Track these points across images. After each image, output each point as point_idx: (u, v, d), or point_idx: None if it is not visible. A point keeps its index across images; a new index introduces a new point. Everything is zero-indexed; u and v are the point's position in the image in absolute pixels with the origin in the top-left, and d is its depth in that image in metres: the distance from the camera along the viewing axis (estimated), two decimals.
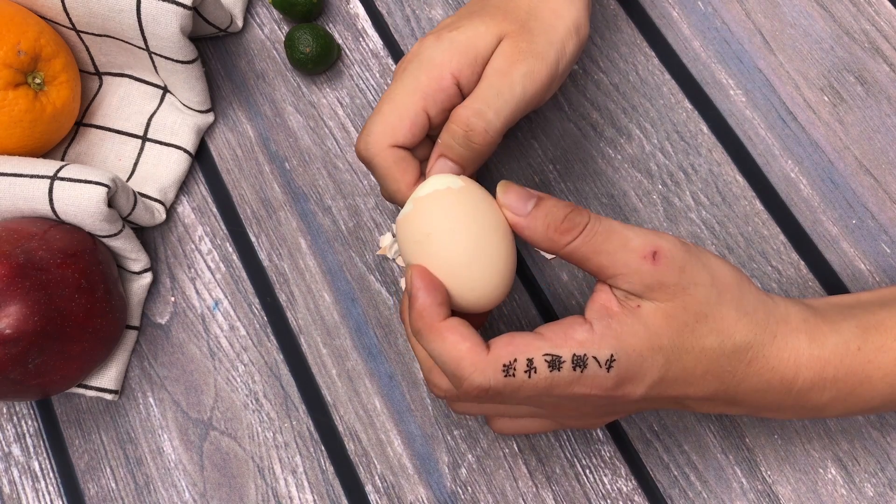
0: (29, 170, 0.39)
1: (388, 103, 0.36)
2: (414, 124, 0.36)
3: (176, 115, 0.46)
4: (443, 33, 0.36)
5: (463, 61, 0.36)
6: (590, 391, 0.31)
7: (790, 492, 0.39)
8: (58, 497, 0.41)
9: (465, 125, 0.35)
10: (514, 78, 0.35)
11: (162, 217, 0.44)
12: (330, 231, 0.45)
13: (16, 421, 0.43)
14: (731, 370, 0.32)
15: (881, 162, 0.44)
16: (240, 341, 0.43)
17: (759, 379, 0.33)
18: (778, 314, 0.33)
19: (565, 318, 0.32)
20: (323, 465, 0.41)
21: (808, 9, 0.47)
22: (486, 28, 0.36)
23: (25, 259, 0.36)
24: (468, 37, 0.36)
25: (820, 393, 0.33)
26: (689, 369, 0.32)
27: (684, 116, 0.46)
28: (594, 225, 0.31)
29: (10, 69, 0.39)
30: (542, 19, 0.37)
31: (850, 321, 0.34)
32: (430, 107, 0.36)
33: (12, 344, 0.35)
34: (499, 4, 0.38)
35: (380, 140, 0.35)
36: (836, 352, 0.33)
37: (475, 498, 0.40)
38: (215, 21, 0.45)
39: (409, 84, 0.36)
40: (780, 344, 0.32)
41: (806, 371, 0.33)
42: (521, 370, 0.30)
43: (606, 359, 0.30)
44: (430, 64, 0.36)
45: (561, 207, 0.32)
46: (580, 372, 0.30)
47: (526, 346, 0.31)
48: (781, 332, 0.33)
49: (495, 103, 0.35)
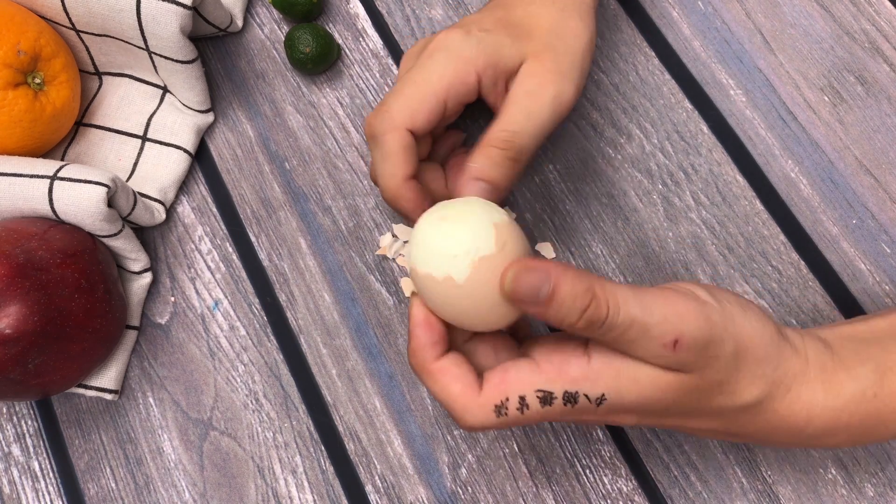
0: (29, 170, 0.39)
1: (411, 85, 0.35)
2: (432, 111, 0.35)
3: (176, 115, 0.46)
4: (473, 31, 0.36)
5: (489, 63, 0.36)
6: (580, 417, 0.31)
7: (790, 492, 0.39)
8: (58, 497, 0.41)
9: (505, 145, 0.35)
10: (544, 100, 0.36)
11: (162, 217, 0.44)
12: (330, 231, 0.45)
13: (16, 421, 0.42)
14: (734, 419, 0.32)
15: (881, 162, 0.44)
16: (240, 341, 0.43)
17: (765, 425, 0.32)
18: (795, 368, 0.32)
19: (566, 342, 0.31)
20: (323, 465, 0.41)
21: (809, 9, 0.47)
22: (512, 42, 0.36)
23: (25, 259, 0.36)
24: (497, 43, 0.36)
25: (831, 437, 0.33)
26: (686, 415, 0.32)
27: (684, 116, 0.46)
28: (613, 320, 0.29)
29: (10, 69, 0.39)
30: (564, 39, 0.37)
31: (868, 364, 0.33)
32: (450, 99, 0.36)
33: (12, 344, 0.35)
34: (522, 23, 0.38)
35: (396, 118, 0.35)
36: (852, 401, 0.32)
37: (475, 498, 0.40)
38: (215, 21, 0.45)
39: (436, 71, 0.35)
40: (794, 397, 0.32)
41: (818, 420, 0.32)
42: (514, 408, 0.30)
43: (597, 397, 0.30)
44: (460, 57, 0.35)
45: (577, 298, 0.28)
46: (571, 407, 0.30)
47: (518, 382, 0.30)
48: (797, 384, 0.32)
49: (528, 126, 0.35)
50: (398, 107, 0.35)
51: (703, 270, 0.43)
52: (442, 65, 0.35)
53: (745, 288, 0.42)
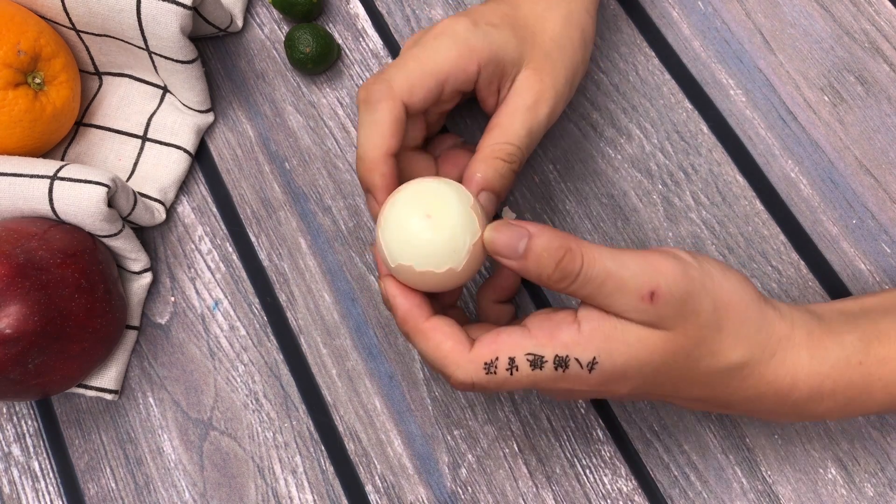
0: (29, 170, 0.39)
1: (414, 60, 0.35)
2: (430, 90, 0.35)
3: (176, 115, 0.46)
4: (480, 23, 0.36)
5: (491, 58, 0.36)
6: (573, 386, 0.31)
7: (790, 492, 0.39)
8: (58, 497, 0.41)
9: (510, 158, 0.36)
10: (540, 117, 0.37)
11: (162, 217, 0.44)
12: (330, 231, 0.45)
13: (16, 421, 0.43)
14: (723, 384, 0.32)
15: (881, 162, 0.44)
16: (240, 341, 0.43)
17: (753, 391, 0.33)
18: (780, 332, 0.33)
19: (557, 312, 0.32)
20: (323, 465, 0.41)
21: (809, 8, 0.47)
22: (517, 42, 0.37)
23: (25, 259, 0.36)
24: (502, 39, 0.36)
25: (817, 404, 0.33)
26: (676, 381, 0.32)
27: (684, 116, 0.46)
28: (587, 272, 0.30)
29: (10, 69, 0.39)
30: (565, 51, 0.38)
31: (854, 333, 0.33)
32: (449, 83, 0.36)
33: (12, 344, 0.35)
34: (527, 23, 0.38)
35: (395, 88, 0.35)
36: (837, 366, 0.33)
37: (475, 498, 0.40)
38: (215, 21, 0.45)
39: (440, 51, 0.36)
40: (779, 361, 0.32)
41: (803, 385, 0.33)
42: (503, 368, 0.31)
43: (588, 361, 0.31)
44: (465, 45, 0.36)
45: (552, 251, 0.30)
46: (562, 372, 0.31)
47: (509, 344, 0.31)
48: (782, 348, 0.32)
49: (528, 142, 0.37)
50: (398, 77, 0.35)
51: None
52: (446, 47, 0.36)
53: None
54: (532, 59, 0.37)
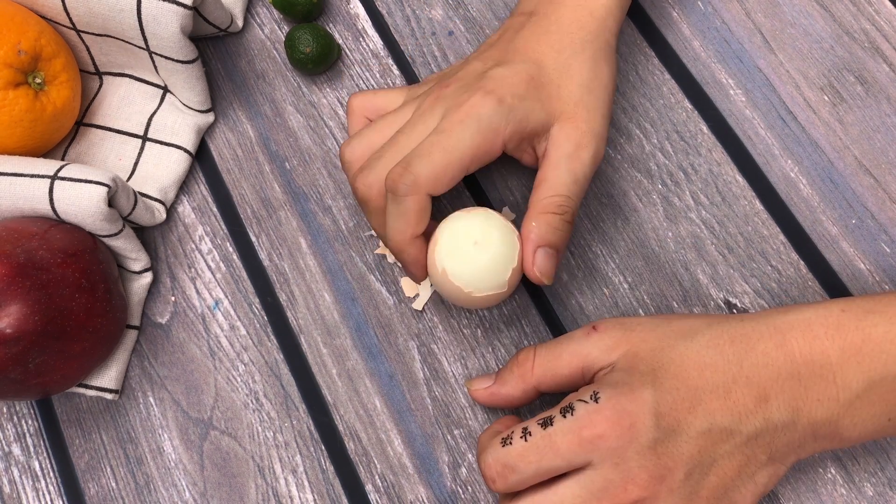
0: (29, 169, 0.39)
1: (440, 152, 0.36)
2: (454, 178, 0.37)
3: (176, 115, 0.46)
4: (506, 98, 0.37)
5: (516, 130, 0.37)
6: (594, 430, 0.32)
7: (790, 491, 0.39)
8: (58, 497, 0.41)
9: (561, 210, 0.37)
10: (585, 161, 0.38)
11: (162, 217, 0.44)
12: (330, 231, 0.45)
13: (16, 420, 0.43)
14: (724, 359, 0.33)
15: (881, 162, 0.44)
16: (240, 341, 0.43)
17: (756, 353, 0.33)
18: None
19: None
20: (323, 464, 0.41)
21: (808, 8, 0.47)
22: (542, 107, 0.38)
23: (26, 259, 0.36)
24: (527, 110, 0.37)
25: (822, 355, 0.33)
26: (681, 370, 0.33)
27: (684, 116, 0.46)
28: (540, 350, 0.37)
29: (11, 69, 0.39)
30: (595, 92, 0.39)
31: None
32: (473, 166, 0.37)
33: (13, 343, 0.35)
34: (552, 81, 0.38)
35: (421, 182, 0.36)
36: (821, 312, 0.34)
37: (475, 497, 0.40)
38: (215, 21, 0.45)
39: (466, 141, 0.36)
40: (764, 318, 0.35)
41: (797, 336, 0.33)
42: (518, 437, 0.33)
43: (591, 395, 0.33)
44: (490, 128, 0.36)
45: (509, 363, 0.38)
46: (570, 416, 0.32)
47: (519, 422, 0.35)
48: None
49: (575, 189, 0.37)
50: (423, 172, 0.36)
51: (703, 270, 0.43)
52: (470, 135, 0.36)
53: (745, 287, 0.42)
54: (563, 112, 0.38)
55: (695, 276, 0.43)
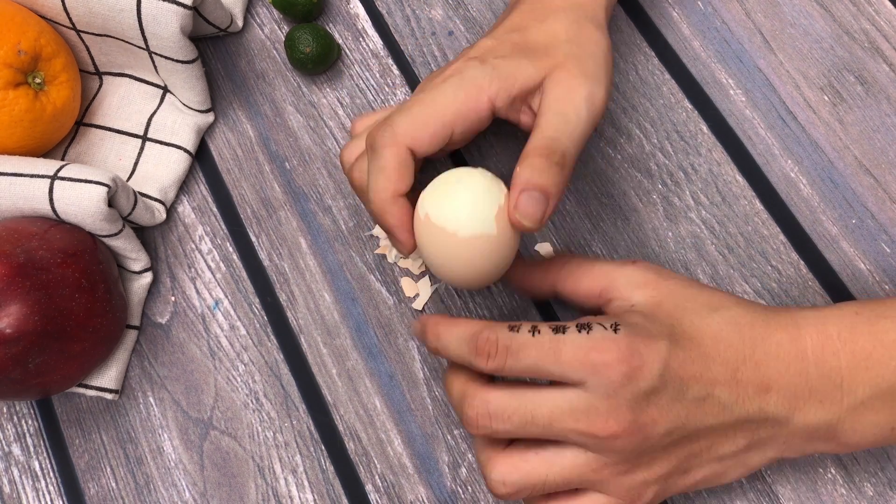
0: (29, 169, 0.39)
1: (419, 105, 0.35)
2: (436, 134, 0.35)
3: (176, 115, 0.46)
4: (488, 59, 0.36)
5: (502, 87, 0.36)
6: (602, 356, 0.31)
7: (790, 491, 0.39)
8: (58, 497, 0.41)
9: (547, 152, 0.34)
10: (577, 102, 0.35)
11: (162, 217, 0.44)
12: (330, 231, 0.45)
13: (16, 420, 0.43)
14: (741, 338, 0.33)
15: (881, 162, 0.44)
16: (240, 341, 0.43)
17: (771, 341, 0.33)
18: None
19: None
20: (323, 464, 0.41)
21: (808, 8, 0.47)
22: (530, 62, 0.36)
23: (26, 259, 0.36)
24: (513, 67, 0.36)
25: (833, 356, 0.33)
26: (697, 336, 0.33)
27: (684, 116, 0.46)
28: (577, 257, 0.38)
29: (11, 69, 0.39)
30: (584, 46, 0.37)
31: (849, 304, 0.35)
32: (458, 124, 0.36)
33: (13, 343, 0.35)
34: (539, 42, 0.37)
35: (398, 134, 0.35)
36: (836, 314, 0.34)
37: (475, 497, 0.40)
38: (215, 21, 0.45)
39: (447, 95, 0.35)
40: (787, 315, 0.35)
41: (811, 333, 0.34)
42: (525, 330, 0.33)
43: (611, 324, 0.32)
44: (472, 83, 0.35)
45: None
46: (586, 333, 0.32)
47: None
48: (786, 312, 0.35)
49: (566, 129, 0.35)
50: (402, 123, 0.35)
51: (703, 270, 0.43)
52: (453, 90, 0.35)
53: (745, 288, 0.42)
54: (553, 65, 0.36)
55: (695, 276, 0.43)
